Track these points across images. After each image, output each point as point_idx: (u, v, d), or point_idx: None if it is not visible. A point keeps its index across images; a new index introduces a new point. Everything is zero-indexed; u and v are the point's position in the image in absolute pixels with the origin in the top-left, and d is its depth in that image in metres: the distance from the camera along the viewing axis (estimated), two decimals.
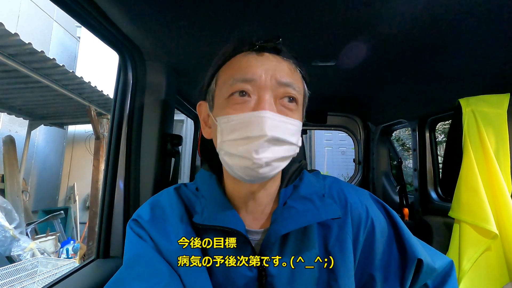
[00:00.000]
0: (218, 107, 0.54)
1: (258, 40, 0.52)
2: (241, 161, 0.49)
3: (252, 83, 0.50)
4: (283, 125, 0.50)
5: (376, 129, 1.92)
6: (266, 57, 0.52)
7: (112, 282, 0.50)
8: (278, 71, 0.51)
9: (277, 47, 0.53)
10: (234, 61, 0.53)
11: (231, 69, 0.53)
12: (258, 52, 0.52)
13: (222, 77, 0.54)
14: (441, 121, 1.57)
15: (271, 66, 0.51)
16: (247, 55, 0.52)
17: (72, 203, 4.80)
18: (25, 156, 4.18)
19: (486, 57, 0.88)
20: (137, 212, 0.59)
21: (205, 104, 0.60)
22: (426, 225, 1.37)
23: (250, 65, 0.51)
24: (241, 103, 0.50)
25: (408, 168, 3.96)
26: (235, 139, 0.49)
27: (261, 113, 0.48)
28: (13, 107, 3.87)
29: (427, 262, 0.57)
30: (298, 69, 0.55)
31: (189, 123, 4.78)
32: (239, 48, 0.54)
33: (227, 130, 0.50)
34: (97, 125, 3.91)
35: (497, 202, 0.90)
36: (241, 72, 0.51)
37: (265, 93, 0.50)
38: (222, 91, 0.52)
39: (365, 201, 0.62)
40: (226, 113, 0.51)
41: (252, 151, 0.47)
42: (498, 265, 0.89)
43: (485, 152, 0.93)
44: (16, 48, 2.55)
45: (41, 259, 2.71)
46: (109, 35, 0.79)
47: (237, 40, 0.55)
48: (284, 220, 0.53)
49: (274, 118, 0.48)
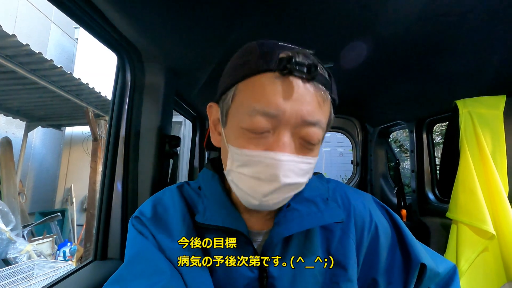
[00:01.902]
0: (231, 131, 0.49)
1: (290, 61, 0.43)
2: (248, 198, 0.48)
3: (273, 119, 0.44)
4: (298, 167, 0.46)
5: (374, 131, 1.92)
6: (295, 85, 0.44)
7: (113, 279, 0.50)
8: (306, 107, 0.45)
9: (311, 75, 0.44)
10: (257, 82, 0.46)
11: (252, 93, 0.46)
12: (287, 76, 0.44)
13: (240, 96, 0.48)
14: (439, 123, 1.58)
15: (299, 100, 0.44)
16: (272, 79, 0.44)
17: (69, 205, 4.77)
18: (22, 158, 4.15)
19: (482, 59, 0.89)
20: (140, 209, 0.59)
21: (216, 108, 0.56)
22: (424, 226, 1.38)
23: (275, 96, 0.44)
24: (258, 138, 0.46)
25: (406, 170, 3.98)
26: (245, 175, 0.47)
27: (278, 155, 0.44)
28: (10, 109, 3.85)
29: (430, 267, 0.57)
30: (329, 95, 0.48)
31: (187, 124, 4.77)
32: (265, 65, 0.45)
33: (238, 161, 0.47)
34: (94, 126, 3.89)
35: (494, 202, 0.91)
36: (263, 102, 0.44)
37: (285, 131, 0.45)
38: (239, 117, 0.47)
39: (369, 205, 0.62)
40: (240, 145, 0.47)
41: (261, 193, 0.46)
42: (495, 266, 0.89)
43: (482, 153, 0.94)
44: (13, 49, 2.54)
45: (38, 261, 2.69)
46: (107, 36, 0.79)
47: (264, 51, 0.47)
48: (287, 222, 0.52)
49: (291, 160, 0.45)
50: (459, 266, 0.90)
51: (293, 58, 0.43)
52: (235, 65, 0.50)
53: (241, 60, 0.49)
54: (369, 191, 1.98)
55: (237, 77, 0.48)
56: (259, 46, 0.48)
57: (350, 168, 2.21)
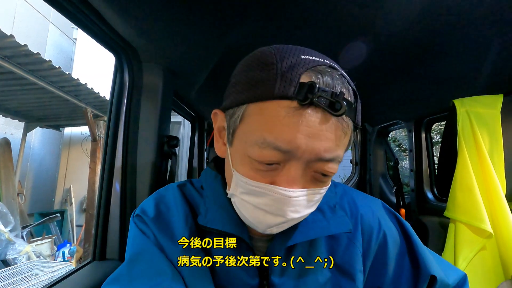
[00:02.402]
0: (237, 156, 0.45)
1: (312, 90, 0.37)
2: (252, 224, 0.46)
3: (286, 154, 0.39)
4: (308, 199, 0.43)
5: (373, 130, 1.93)
6: (315, 118, 0.38)
7: (114, 278, 0.49)
8: (324, 144, 0.39)
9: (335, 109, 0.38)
10: (271, 108, 0.39)
11: (264, 121, 0.39)
12: (307, 106, 0.38)
13: (250, 120, 0.41)
14: (437, 122, 1.59)
15: (317, 135, 0.38)
16: (289, 109, 0.38)
17: (69, 205, 4.76)
18: (21, 159, 4.14)
19: (480, 58, 0.89)
20: (142, 207, 0.57)
21: (222, 116, 0.50)
22: (422, 225, 1.38)
23: (290, 128, 0.38)
24: (266, 170, 0.42)
25: (405, 169, 3.98)
26: (249, 203, 0.44)
27: (288, 192, 0.40)
28: (8, 109, 3.84)
29: (441, 279, 0.54)
30: (352, 123, 0.42)
31: (186, 124, 4.77)
32: (283, 91, 0.38)
33: (243, 189, 0.44)
34: (93, 127, 3.89)
35: (491, 201, 0.91)
36: (276, 135, 0.38)
37: (297, 166, 0.40)
38: (247, 143, 0.42)
39: (378, 212, 0.59)
40: (246, 174, 0.43)
41: (265, 224, 0.44)
42: (493, 264, 0.90)
43: (480, 152, 0.94)
44: (11, 50, 2.53)
45: (37, 262, 2.68)
46: (105, 37, 0.79)
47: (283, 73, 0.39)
48: (292, 230, 0.49)
49: (301, 195, 0.41)
50: (457, 265, 0.90)
51: (315, 85, 0.37)
52: (248, 79, 0.42)
53: (255, 75, 0.41)
54: (368, 191, 1.99)
55: (248, 96, 0.41)
56: (279, 60, 0.40)
57: (349, 168, 2.22)
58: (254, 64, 0.43)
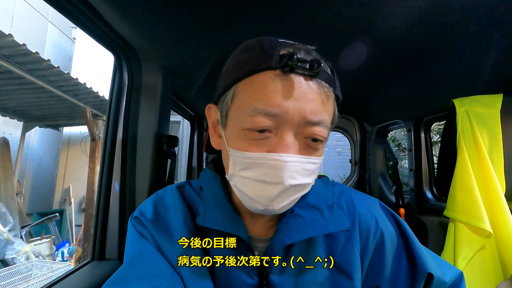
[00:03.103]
0: (232, 134, 0.47)
1: (291, 58, 0.42)
2: (253, 203, 0.46)
3: (276, 119, 0.43)
4: (303, 167, 0.45)
5: (372, 130, 1.93)
6: (298, 84, 0.43)
7: (113, 281, 0.49)
8: (309, 105, 0.43)
9: (313, 71, 0.43)
10: (257, 80, 0.44)
11: (253, 92, 0.44)
12: (288, 73, 0.43)
13: (240, 96, 0.46)
14: (436, 122, 1.59)
15: (301, 98, 0.43)
16: (273, 77, 0.43)
17: (68, 205, 4.76)
18: (20, 158, 4.13)
19: (480, 58, 0.89)
20: (140, 209, 0.57)
21: (215, 109, 0.54)
22: (422, 224, 1.38)
23: (277, 94, 0.42)
24: (260, 139, 0.44)
25: (404, 168, 3.99)
26: (249, 178, 0.45)
27: (282, 156, 0.42)
28: (7, 109, 3.83)
29: (437, 276, 0.54)
30: (332, 90, 0.47)
31: (185, 124, 4.76)
32: (265, 63, 0.44)
33: (241, 165, 0.46)
34: (92, 126, 3.88)
35: (491, 201, 0.91)
36: (264, 102, 0.43)
37: (288, 131, 0.44)
38: (239, 118, 0.45)
39: (375, 211, 0.59)
40: (241, 148, 0.45)
41: (266, 198, 0.44)
42: (492, 264, 0.90)
43: (479, 151, 0.94)
44: (10, 49, 2.52)
45: (36, 262, 2.68)
46: (104, 36, 0.79)
47: (264, 49, 0.45)
48: (290, 229, 0.51)
49: (296, 161, 0.43)
50: (456, 264, 0.90)
51: (294, 55, 0.42)
52: (234, 65, 0.48)
53: (240, 59, 0.48)
54: (367, 190, 1.99)
55: (236, 76, 0.46)
56: (258, 43, 0.46)
57: (349, 167, 2.22)
58: (237, 52, 0.50)
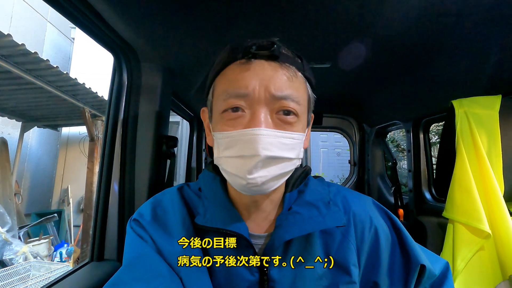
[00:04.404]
0: (214, 121, 0.53)
1: (252, 46, 0.48)
2: (236, 179, 0.48)
3: (245, 98, 0.48)
4: (279, 141, 0.47)
5: (371, 131, 1.93)
6: (261, 66, 0.49)
7: (112, 283, 0.49)
8: (273, 83, 0.48)
9: (273, 54, 0.48)
10: (228, 71, 0.51)
11: (225, 81, 0.51)
12: (253, 60, 0.49)
13: (217, 88, 0.52)
14: (435, 123, 1.59)
15: (265, 77, 0.48)
16: (240, 65, 0.49)
17: (66, 205, 4.74)
18: (18, 159, 4.12)
19: (478, 59, 0.90)
20: (139, 211, 0.58)
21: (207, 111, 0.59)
22: (421, 225, 1.38)
23: (243, 77, 0.48)
24: (235, 118, 0.48)
25: (403, 169, 4.00)
26: (229, 156, 0.49)
27: (255, 130, 0.46)
28: (5, 109, 3.82)
29: (429, 268, 0.57)
30: (300, 73, 0.52)
31: (184, 124, 4.76)
32: (233, 56, 0.51)
33: (222, 146, 0.50)
34: (91, 127, 3.87)
35: (489, 202, 0.92)
36: (233, 86, 0.48)
37: (259, 107, 0.47)
38: (218, 105, 0.51)
39: (369, 209, 0.62)
40: (221, 129, 0.50)
41: (245, 171, 0.46)
42: (491, 264, 0.90)
43: (478, 152, 0.94)
44: (9, 49, 2.51)
45: (34, 263, 2.67)
46: (103, 36, 0.79)
47: (231, 48, 0.52)
48: (289, 225, 0.52)
49: (269, 134, 0.46)
50: (455, 265, 0.90)
51: (255, 44, 0.48)
52: (213, 66, 0.55)
53: (217, 61, 0.55)
54: (366, 191, 1.99)
55: (214, 74, 0.54)
56: (231, 44, 0.53)
57: (348, 168, 2.22)
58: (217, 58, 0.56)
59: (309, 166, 0.65)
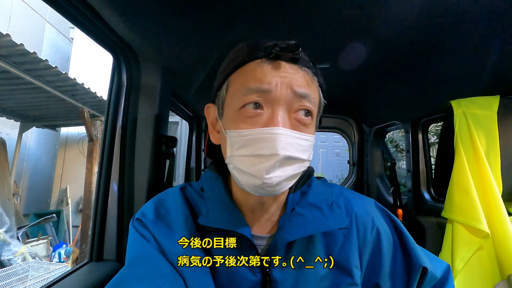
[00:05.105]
0: (228, 118, 0.51)
1: (275, 47, 0.48)
2: (250, 179, 0.48)
3: (267, 95, 0.47)
4: (296, 142, 0.48)
5: (370, 131, 1.93)
6: (282, 67, 0.49)
7: (114, 282, 0.50)
8: (295, 79, 0.48)
9: (295, 57, 0.49)
10: (248, 69, 0.50)
11: (245, 77, 0.50)
12: (274, 60, 0.49)
13: (234, 84, 0.51)
14: (434, 123, 1.60)
15: (288, 75, 0.48)
16: (261, 63, 0.49)
17: (65, 206, 4.73)
18: (17, 159, 4.11)
19: (477, 60, 0.90)
20: (142, 210, 0.58)
21: (214, 107, 0.58)
22: (420, 225, 1.39)
23: (266, 74, 0.48)
24: (253, 116, 0.48)
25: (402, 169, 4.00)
26: (245, 155, 0.48)
27: (274, 129, 0.46)
28: (4, 109, 3.81)
29: (430, 270, 0.57)
30: (316, 78, 0.53)
31: (183, 124, 4.76)
32: (253, 54, 0.50)
33: (238, 144, 0.48)
34: (90, 127, 3.87)
35: (488, 202, 0.92)
36: (256, 81, 0.48)
37: (279, 106, 0.48)
38: (234, 101, 0.50)
39: (371, 210, 0.62)
40: (237, 127, 0.49)
41: (263, 170, 0.46)
42: (490, 264, 0.90)
43: (476, 153, 0.94)
44: (7, 49, 2.51)
45: (33, 263, 2.66)
46: (102, 36, 0.79)
47: (251, 45, 0.52)
48: (292, 227, 0.52)
49: (287, 134, 0.46)
50: (454, 265, 0.91)
51: (277, 46, 0.48)
52: (227, 63, 0.54)
53: (231, 58, 0.54)
54: (365, 191, 1.99)
55: (229, 71, 0.52)
56: (246, 43, 0.53)
57: (347, 168, 2.22)
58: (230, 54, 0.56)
59: (312, 167, 0.65)
